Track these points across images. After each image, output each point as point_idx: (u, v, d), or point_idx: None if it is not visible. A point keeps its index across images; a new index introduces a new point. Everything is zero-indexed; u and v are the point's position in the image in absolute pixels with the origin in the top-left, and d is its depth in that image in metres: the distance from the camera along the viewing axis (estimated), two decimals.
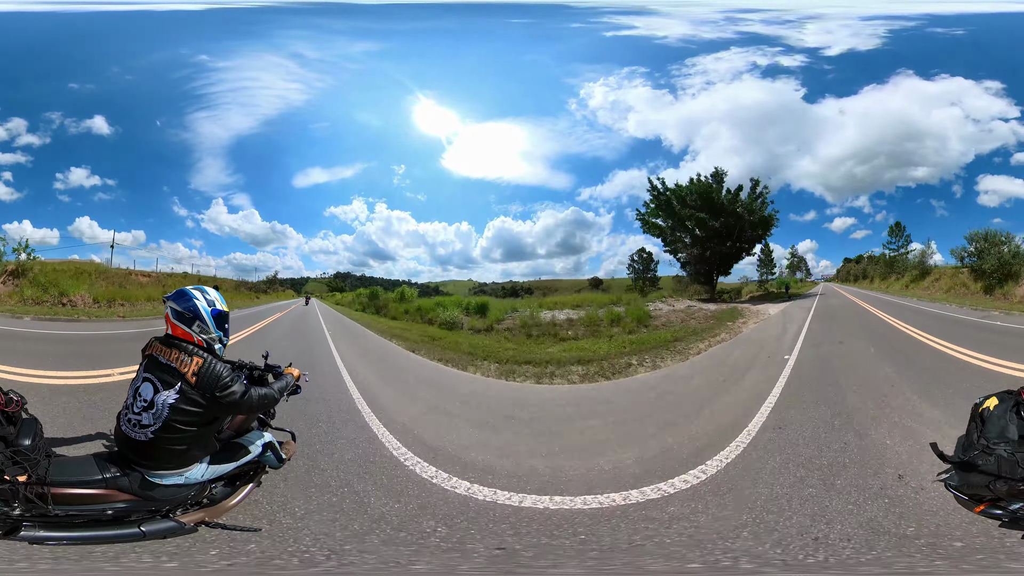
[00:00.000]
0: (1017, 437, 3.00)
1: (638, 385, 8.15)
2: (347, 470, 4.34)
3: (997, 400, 3.22)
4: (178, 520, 2.85)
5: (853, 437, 4.90)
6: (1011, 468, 2.90)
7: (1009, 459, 2.92)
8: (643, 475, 4.26)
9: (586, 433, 5.57)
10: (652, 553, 3.20)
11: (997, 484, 2.93)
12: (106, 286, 16.15)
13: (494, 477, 4.29)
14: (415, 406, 6.69)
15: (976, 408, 3.28)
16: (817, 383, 7.12)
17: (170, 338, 2.99)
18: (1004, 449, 2.96)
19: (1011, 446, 2.97)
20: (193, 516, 2.94)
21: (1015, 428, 3.05)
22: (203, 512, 3.00)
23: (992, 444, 3.01)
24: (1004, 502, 2.94)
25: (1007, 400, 3.20)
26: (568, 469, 4.47)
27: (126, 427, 2.83)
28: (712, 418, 5.79)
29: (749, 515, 3.57)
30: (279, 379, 3.39)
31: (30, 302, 14.36)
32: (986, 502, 3.00)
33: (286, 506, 3.63)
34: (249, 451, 3.25)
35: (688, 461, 4.50)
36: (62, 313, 14.13)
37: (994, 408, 3.18)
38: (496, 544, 3.30)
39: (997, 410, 3.15)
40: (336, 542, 3.25)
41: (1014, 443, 2.98)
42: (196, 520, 2.94)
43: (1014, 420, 3.08)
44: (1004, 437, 3.03)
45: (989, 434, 3.08)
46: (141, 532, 2.73)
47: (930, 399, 6.02)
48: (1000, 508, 2.96)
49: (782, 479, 4.10)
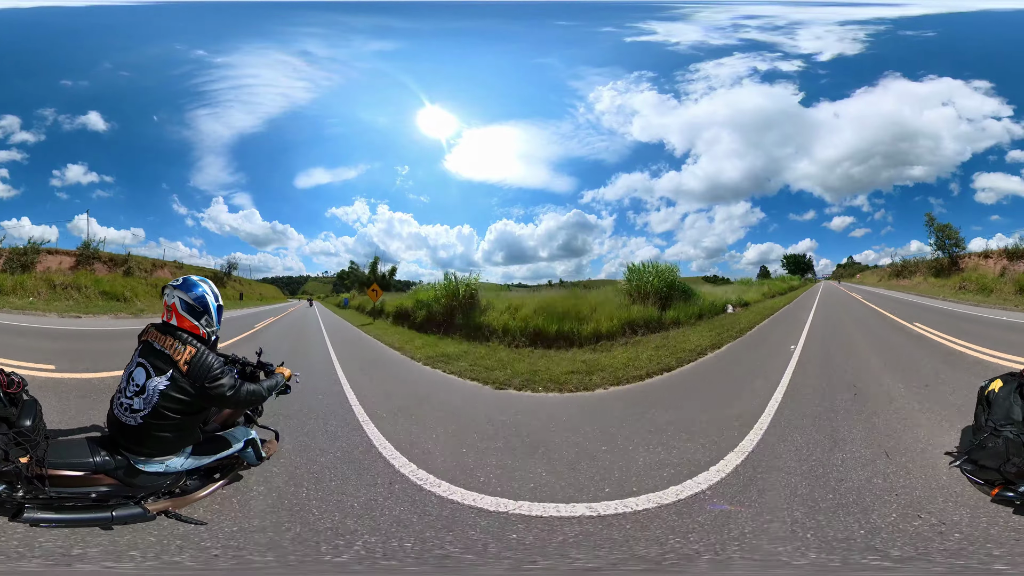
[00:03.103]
0: (1022, 418, 3.00)
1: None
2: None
3: (1001, 382, 3.21)
4: (144, 508, 2.85)
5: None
6: (1018, 449, 2.89)
7: (1016, 440, 2.91)
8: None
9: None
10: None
11: (1007, 466, 2.91)
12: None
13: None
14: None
15: (982, 391, 3.27)
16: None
17: (167, 326, 2.98)
18: (1010, 431, 2.95)
19: (1017, 427, 2.96)
20: (159, 504, 2.93)
21: (1019, 409, 3.04)
22: (170, 501, 2.99)
23: (999, 426, 3.00)
24: (1015, 484, 2.92)
25: (1010, 382, 3.19)
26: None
27: (118, 411, 2.83)
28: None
29: None
30: (270, 377, 3.39)
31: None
32: (999, 485, 2.98)
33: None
34: (231, 445, 3.24)
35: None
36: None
37: (999, 390, 3.18)
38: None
39: (1002, 392, 3.15)
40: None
41: (1019, 424, 2.98)
42: (159, 509, 2.93)
43: (1018, 401, 3.08)
44: (1010, 419, 3.02)
45: (995, 416, 3.07)
46: (111, 517, 2.74)
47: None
48: (1011, 490, 2.94)
49: None
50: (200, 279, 3.11)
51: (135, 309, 15.42)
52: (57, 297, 14.86)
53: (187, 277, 3.10)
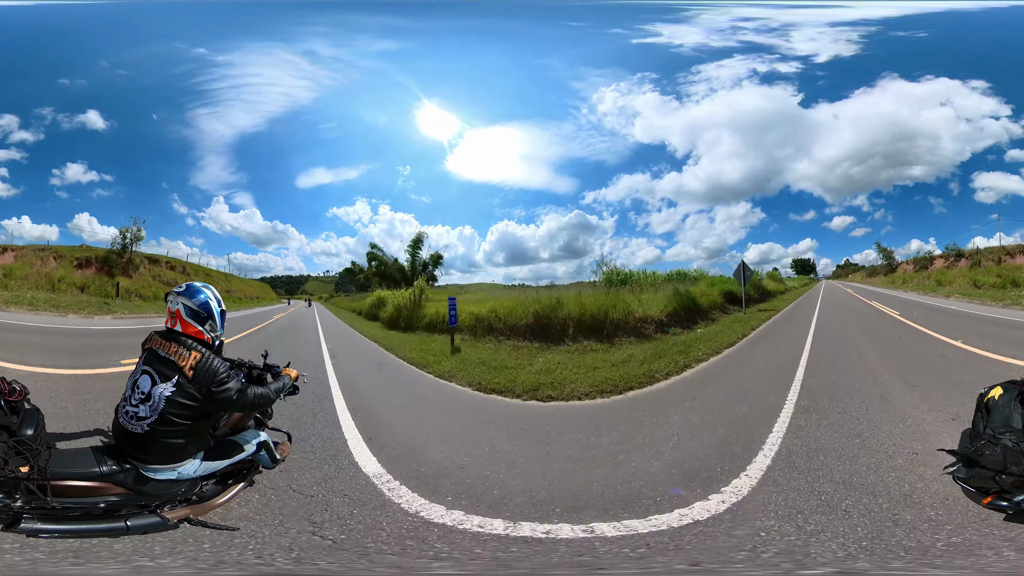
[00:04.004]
0: (1022, 426, 3.00)
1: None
2: None
3: (1001, 390, 3.22)
4: (163, 516, 2.83)
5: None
6: (1016, 458, 2.88)
7: (1014, 449, 2.90)
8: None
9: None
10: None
11: (1003, 475, 2.90)
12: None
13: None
14: None
15: (981, 398, 3.28)
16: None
17: (171, 332, 2.98)
18: (1009, 439, 2.95)
19: (1016, 435, 2.96)
20: (178, 512, 2.91)
21: (1019, 417, 3.04)
22: (189, 509, 2.97)
23: (998, 434, 3.00)
24: (1009, 493, 2.91)
25: (1011, 390, 3.20)
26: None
27: (123, 419, 2.82)
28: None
29: None
30: (277, 379, 3.39)
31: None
32: (992, 494, 2.97)
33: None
34: (243, 449, 3.23)
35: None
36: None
37: (999, 398, 3.19)
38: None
39: (1002, 399, 3.15)
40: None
41: (1018, 432, 2.97)
42: (180, 516, 2.91)
43: (1018, 409, 3.08)
44: (1009, 426, 3.02)
45: (994, 424, 3.07)
46: (125, 527, 2.71)
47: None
48: (1006, 500, 2.93)
49: None
50: (203, 285, 3.13)
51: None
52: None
53: (190, 283, 3.12)
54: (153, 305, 16.38)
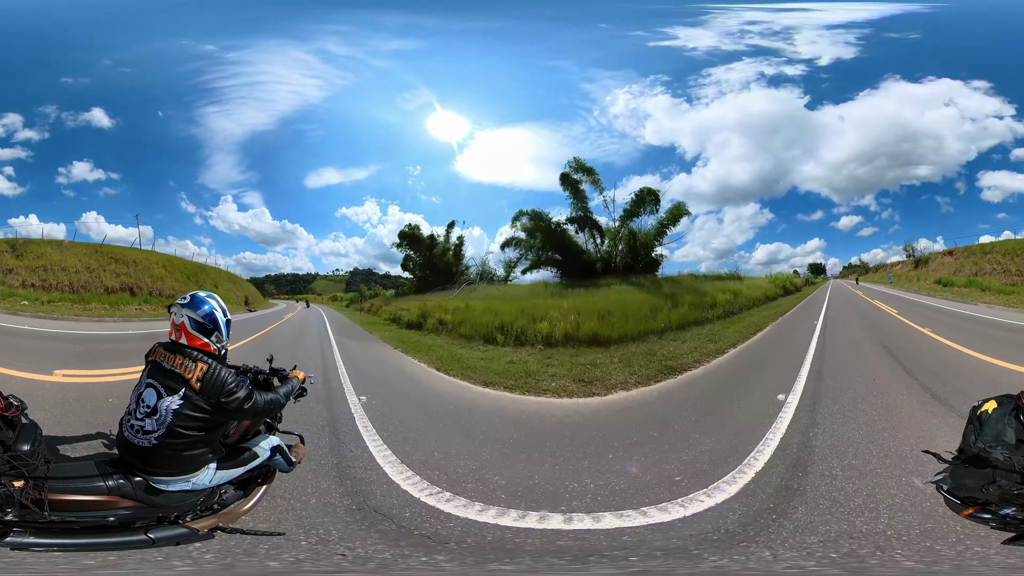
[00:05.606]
0: (1015, 441, 3.02)
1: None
2: None
3: (996, 404, 3.23)
4: (189, 526, 2.81)
5: None
6: (1006, 473, 2.90)
7: (1005, 463, 2.92)
8: None
9: None
10: None
11: (990, 488, 2.93)
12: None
13: None
14: None
15: (974, 411, 3.29)
16: None
17: (175, 344, 2.95)
18: (1000, 453, 2.97)
19: (1008, 450, 2.97)
20: (206, 522, 2.89)
21: (1013, 432, 3.05)
22: (215, 517, 2.95)
23: (989, 447, 3.02)
24: (994, 506, 2.95)
25: (1006, 404, 3.21)
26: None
27: (129, 433, 2.79)
28: None
29: None
30: (284, 383, 3.36)
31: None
32: (975, 506, 3.01)
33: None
34: (257, 455, 3.22)
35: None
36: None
37: (992, 411, 3.20)
38: None
39: (996, 413, 3.17)
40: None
41: (1011, 447, 2.99)
42: (209, 526, 2.90)
43: (1012, 424, 3.08)
44: (1001, 440, 3.04)
45: (986, 437, 3.09)
46: (150, 539, 2.68)
47: None
48: (989, 512, 2.96)
49: None
50: (207, 295, 3.08)
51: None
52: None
53: (194, 294, 3.05)
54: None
